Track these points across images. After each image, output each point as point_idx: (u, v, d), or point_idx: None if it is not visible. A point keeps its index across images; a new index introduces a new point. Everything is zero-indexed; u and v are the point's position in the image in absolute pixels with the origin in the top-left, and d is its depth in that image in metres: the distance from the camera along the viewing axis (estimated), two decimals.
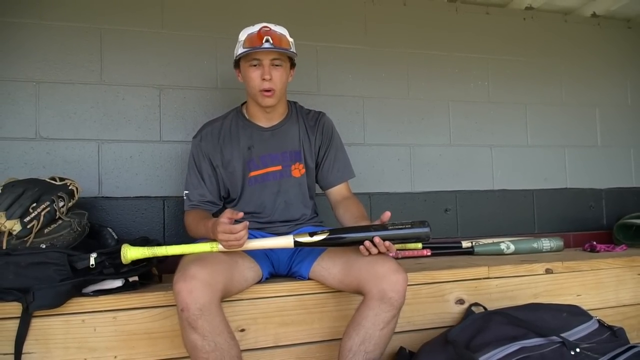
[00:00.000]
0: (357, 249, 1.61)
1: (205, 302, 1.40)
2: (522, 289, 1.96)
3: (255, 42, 1.71)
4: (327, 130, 1.94)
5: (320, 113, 1.96)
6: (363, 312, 1.55)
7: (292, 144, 1.88)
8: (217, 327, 1.42)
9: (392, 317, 1.55)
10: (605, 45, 3.06)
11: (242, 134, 1.86)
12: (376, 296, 1.52)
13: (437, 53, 2.71)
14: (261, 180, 1.85)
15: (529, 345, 1.48)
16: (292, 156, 1.88)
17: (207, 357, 1.40)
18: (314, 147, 1.91)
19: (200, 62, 2.30)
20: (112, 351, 1.53)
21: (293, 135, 1.89)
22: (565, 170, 2.91)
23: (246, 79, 1.78)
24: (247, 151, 1.84)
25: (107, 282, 1.58)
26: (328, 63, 2.50)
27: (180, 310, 1.40)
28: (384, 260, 1.57)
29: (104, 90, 2.16)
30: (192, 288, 1.39)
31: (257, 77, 1.75)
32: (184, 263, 1.51)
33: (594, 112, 3.01)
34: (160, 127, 2.22)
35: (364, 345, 1.52)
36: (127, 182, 2.16)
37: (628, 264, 2.14)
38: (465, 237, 2.56)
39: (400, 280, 1.53)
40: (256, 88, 1.76)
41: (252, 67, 1.75)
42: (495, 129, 2.80)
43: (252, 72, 1.75)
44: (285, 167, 1.87)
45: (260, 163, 1.85)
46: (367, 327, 1.53)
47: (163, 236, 2.18)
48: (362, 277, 1.56)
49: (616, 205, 2.97)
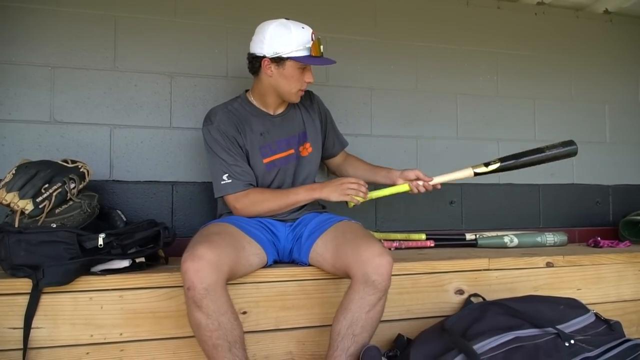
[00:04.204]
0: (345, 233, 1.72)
1: (211, 282, 1.44)
2: (522, 281, 1.98)
3: (315, 52, 1.78)
4: (322, 106, 2.10)
5: (310, 92, 2.06)
6: (349, 295, 1.59)
7: (298, 126, 1.98)
8: (221, 307, 1.46)
9: (378, 300, 1.58)
10: (616, 42, 3.04)
11: (254, 121, 1.91)
12: (360, 280, 1.56)
13: (446, 46, 2.72)
14: (278, 165, 1.92)
15: (523, 335, 1.50)
16: (300, 138, 1.97)
17: (210, 335, 1.45)
18: (317, 125, 2.03)
19: (211, 51, 2.33)
20: (117, 328, 1.59)
21: (298, 118, 1.99)
22: (572, 165, 2.90)
23: (288, 77, 1.82)
24: (260, 137, 1.90)
25: (114, 262, 1.64)
26: (337, 54, 2.48)
27: (186, 288, 1.44)
28: (369, 244, 1.60)
29: (117, 77, 2.20)
30: (199, 268, 1.43)
31: (302, 79, 1.84)
32: (193, 244, 1.56)
33: (603, 108, 2.99)
34: (171, 113, 2.27)
35: (351, 329, 1.56)
36: (138, 166, 2.21)
37: (630, 259, 2.15)
38: (469, 230, 2.58)
39: (383, 263, 1.56)
40: (296, 87, 1.85)
41: (300, 69, 1.82)
42: (502, 123, 2.80)
43: (300, 74, 1.83)
44: (296, 150, 1.96)
45: (277, 148, 1.92)
46: (353, 311, 1.56)
47: (171, 220, 2.23)
48: (348, 261, 1.60)
49: (623, 201, 2.97)
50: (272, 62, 1.80)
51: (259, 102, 1.95)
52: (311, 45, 1.77)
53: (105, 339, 1.57)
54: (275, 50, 1.78)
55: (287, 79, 1.82)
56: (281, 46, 1.77)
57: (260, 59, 1.81)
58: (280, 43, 1.77)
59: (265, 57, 1.80)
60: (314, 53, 1.78)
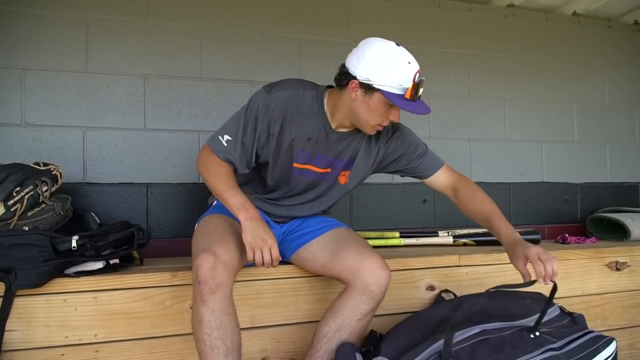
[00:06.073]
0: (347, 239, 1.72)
1: (222, 281, 1.45)
2: (491, 277, 2.03)
3: (411, 94, 1.55)
4: (398, 146, 1.83)
5: (398, 129, 1.84)
6: (343, 300, 1.62)
7: (350, 152, 1.77)
8: (226, 307, 1.46)
9: (371, 310, 1.62)
10: (584, 43, 3.13)
11: (310, 123, 1.70)
12: (359, 287, 1.59)
13: (418, 48, 2.70)
14: (306, 176, 1.77)
15: (489, 328, 1.56)
16: (345, 164, 1.78)
17: (210, 333, 1.43)
18: (370, 161, 1.82)
19: (185, 53, 2.34)
20: (92, 330, 1.59)
21: (355, 145, 1.77)
22: (542, 164, 2.98)
23: (371, 108, 1.60)
24: (305, 141, 1.71)
25: (88, 264, 1.64)
26: (311, 56, 2.55)
27: (197, 282, 1.44)
28: (371, 255, 1.64)
29: (89, 79, 2.20)
30: (214, 265, 1.44)
31: (385, 115, 1.62)
32: (207, 241, 1.54)
33: (571, 108, 3.08)
34: (145, 115, 2.27)
35: (339, 333, 1.59)
36: (111, 168, 2.21)
37: (595, 255, 2.22)
38: (442, 228, 2.63)
39: (384, 276, 1.60)
40: (376, 121, 1.63)
41: (387, 104, 1.59)
42: (474, 123, 2.86)
43: (385, 110, 1.61)
44: (333, 171, 1.78)
45: (315, 160, 1.74)
46: (345, 316, 1.60)
47: (146, 222, 2.24)
48: (348, 267, 1.62)
49: (590, 199, 3.06)
50: (360, 86, 1.58)
51: (328, 109, 1.71)
52: (410, 85, 1.54)
53: (80, 340, 1.57)
54: (368, 76, 1.56)
55: (369, 110, 1.60)
56: (376, 75, 1.55)
57: (350, 77, 1.59)
58: (376, 71, 1.55)
59: (355, 79, 1.58)
60: (408, 95, 1.55)
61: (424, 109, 1.59)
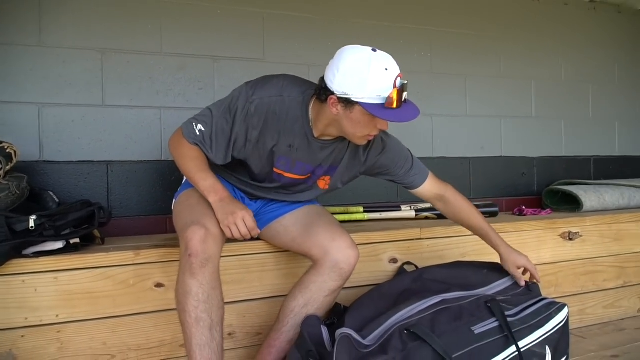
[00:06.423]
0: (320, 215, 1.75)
1: (212, 254, 1.46)
2: (451, 249, 2.09)
3: (392, 103, 1.44)
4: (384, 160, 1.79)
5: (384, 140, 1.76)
6: (312, 277, 1.65)
7: (333, 160, 1.72)
8: (214, 281, 1.48)
9: (338, 287, 1.67)
10: (542, 21, 3.20)
11: (293, 130, 1.63)
12: (328, 264, 1.62)
13: (382, 23, 2.77)
14: (283, 181, 1.75)
15: (449, 298, 1.62)
16: (325, 170, 1.75)
17: (196, 305, 1.45)
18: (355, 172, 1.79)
19: (144, 26, 2.27)
20: (53, 310, 1.57)
21: (338, 154, 1.72)
22: (500, 139, 3.06)
23: (354, 121, 1.52)
24: (286, 148, 1.65)
25: (47, 244, 1.61)
26: (274, 30, 2.52)
27: (188, 255, 1.44)
28: (342, 233, 1.68)
29: (43, 53, 2.11)
30: (205, 238, 1.45)
31: (371, 125, 1.53)
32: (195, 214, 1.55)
33: (529, 85, 3.16)
34: (103, 91, 2.20)
35: (306, 308, 1.63)
36: (69, 146, 2.15)
37: (549, 226, 2.31)
38: (404, 202, 2.67)
39: (353, 255, 1.65)
40: (363, 133, 1.56)
41: (369, 115, 1.48)
42: (436, 99, 2.90)
43: (370, 120, 1.51)
44: (313, 176, 1.75)
45: (294, 168, 1.70)
46: (313, 292, 1.63)
47: (107, 200, 2.19)
48: (318, 244, 1.65)
49: (546, 172, 3.17)
50: (339, 101, 1.49)
51: (312, 117, 1.62)
52: (390, 93, 1.43)
53: (41, 321, 1.56)
54: (345, 91, 1.46)
55: (353, 123, 1.52)
56: (352, 88, 1.45)
57: (328, 92, 1.51)
58: (352, 84, 1.45)
59: (333, 94, 1.49)
60: (392, 104, 1.43)
61: (410, 114, 1.47)
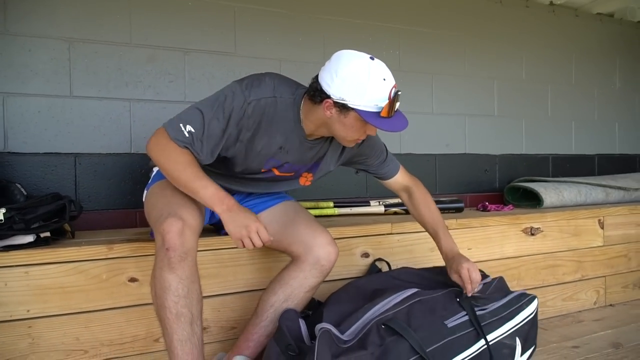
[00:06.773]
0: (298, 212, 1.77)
1: (190, 247, 1.43)
2: (420, 243, 2.15)
3: (387, 112, 1.48)
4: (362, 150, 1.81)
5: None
6: (292, 272, 1.67)
7: (317, 157, 1.74)
8: (193, 274, 1.45)
9: (318, 284, 1.69)
10: (505, 23, 3.31)
11: (285, 132, 1.62)
12: (310, 261, 1.65)
13: (352, 21, 2.80)
14: (269, 179, 1.74)
15: (423, 290, 1.67)
16: (309, 168, 1.76)
17: (177, 301, 1.41)
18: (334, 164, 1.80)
19: (112, 16, 2.23)
20: (24, 305, 1.53)
21: (321, 150, 1.73)
22: (465, 137, 3.16)
23: (347, 126, 1.53)
24: (277, 150, 1.63)
25: (17, 238, 1.56)
26: (246, 24, 2.51)
27: (165, 249, 1.39)
28: (322, 231, 1.70)
29: (7, 41, 2.04)
30: (183, 230, 1.41)
31: (362, 131, 1.56)
32: (170, 206, 1.48)
33: (492, 84, 3.26)
34: (71, 81, 2.15)
35: (286, 303, 1.65)
36: (36, 137, 2.09)
37: (512, 221, 2.41)
38: (373, 197, 2.73)
39: (333, 252, 1.68)
40: (353, 137, 1.58)
41: (363, 121, 1.51)
42: (403, 96, 2.90)
43: (361, 126, 1.54)
44: (296, 174, 1.77)
45: (282, 168, 1.70)
46: (293, 287, 1.66)
47: (75, 193, 2.14)
48: (299, 240, 1.67)
49: (508, 169, 3.29)
50: (335, 105, 1.51)
51: (304, 121, 1.62)
52: (385, 103, 1.48)
53: (12, 317, 1.52)
54: (342, 96, 1.48)
55: (345, 127, 1.54)
56: (350, 95, 1.47)
57: (324, 95, 1.51)
58: (350, 91, 1.47)
59: (330, 98, 1.50)
60: (385, 113, 1.48)
61: (401, 124, 1.53)
